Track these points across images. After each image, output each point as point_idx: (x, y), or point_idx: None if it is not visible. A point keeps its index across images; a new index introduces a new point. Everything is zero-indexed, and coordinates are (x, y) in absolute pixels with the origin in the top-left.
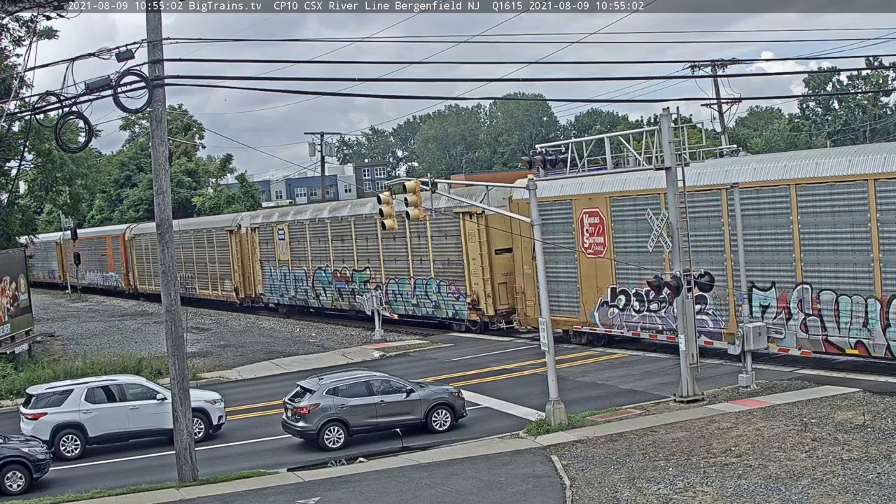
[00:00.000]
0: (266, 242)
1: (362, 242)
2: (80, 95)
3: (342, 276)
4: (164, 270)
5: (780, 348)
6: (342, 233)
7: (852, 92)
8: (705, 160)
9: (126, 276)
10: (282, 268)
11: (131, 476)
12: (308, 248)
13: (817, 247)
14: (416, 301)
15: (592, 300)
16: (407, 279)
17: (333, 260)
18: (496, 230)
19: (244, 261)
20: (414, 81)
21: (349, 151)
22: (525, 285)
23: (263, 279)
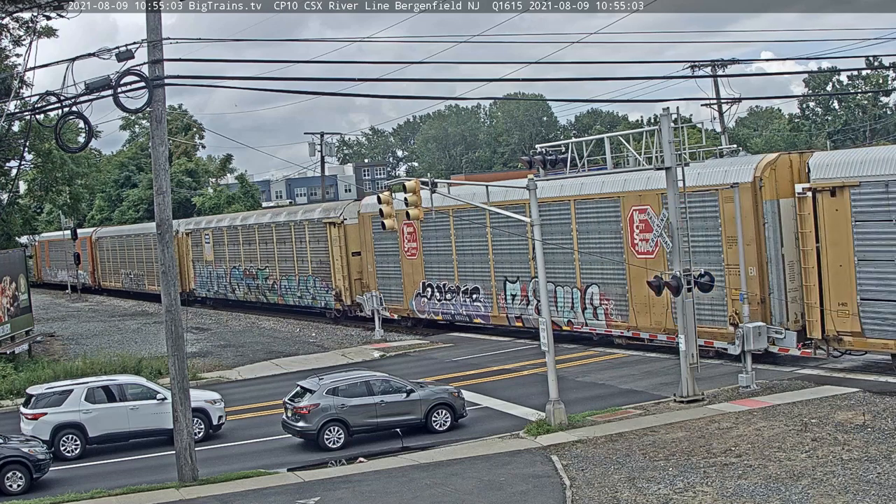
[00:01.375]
0: (196, 245)
1: (263, 246)
2: (80, 95)
3: (250, 274)
4: (164, 270)
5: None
6: (249, 238)
7: (852, 92)
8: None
9: (92, 274)
10: (207, 267)
11: (131, 476)
12: (226, 251)
13: (549, 250)
14: (300, 294)
15: (411, 292)
16: (293, 276)
17: (244, 260)
18: (352, 237)
19: (181, 261)
20: (414, 81)
21: (349, 151)
22: (370, 281)
23: (195, 276)
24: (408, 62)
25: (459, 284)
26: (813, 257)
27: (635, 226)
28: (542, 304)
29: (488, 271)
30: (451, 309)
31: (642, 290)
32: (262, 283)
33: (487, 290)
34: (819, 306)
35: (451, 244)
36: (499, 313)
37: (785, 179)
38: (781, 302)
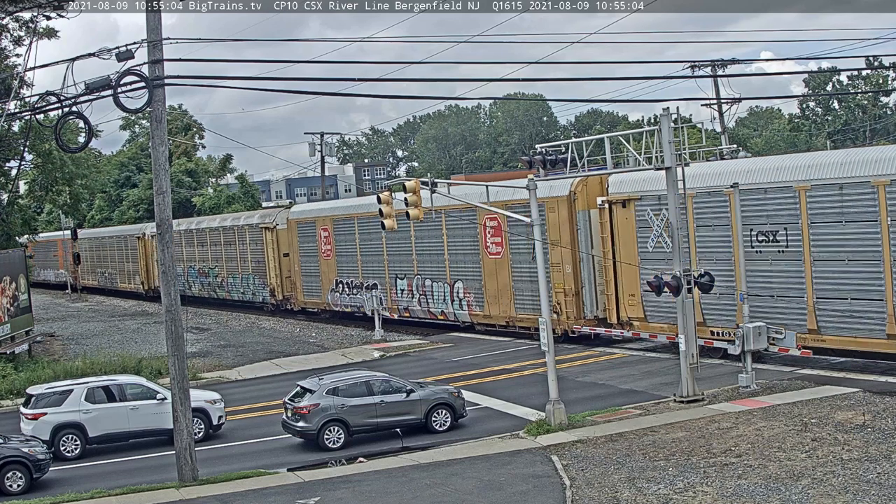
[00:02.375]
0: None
1: (214, 248)
2: (80, 95)
3: (203, 272)
4: (164, 270)
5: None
6: (203, 240)
7: (852, 92)
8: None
9: (73, 273)
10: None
11: (131, 476)
12: (183, 252)
13: (425, 252)
14: (243, 290)
15: (327, 288)
16: (237, 274)
17: (198, 260)
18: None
19: (148, 261)
20: (414, 81)
21: (349, 151)
22: (296, 279)
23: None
24: (408, 62)
25: (363, 281)
26: (610, 257)
27: (487, 231)
28: (543, 304)
29: (383, 270)
30: (357, 302)
31: (493, 284)
32: (212, 281)
33: (383, 286)
34: (615, 297)
35: (356, 247)
36: (392, 305)
37: (594, 193)
38: (591, 294)
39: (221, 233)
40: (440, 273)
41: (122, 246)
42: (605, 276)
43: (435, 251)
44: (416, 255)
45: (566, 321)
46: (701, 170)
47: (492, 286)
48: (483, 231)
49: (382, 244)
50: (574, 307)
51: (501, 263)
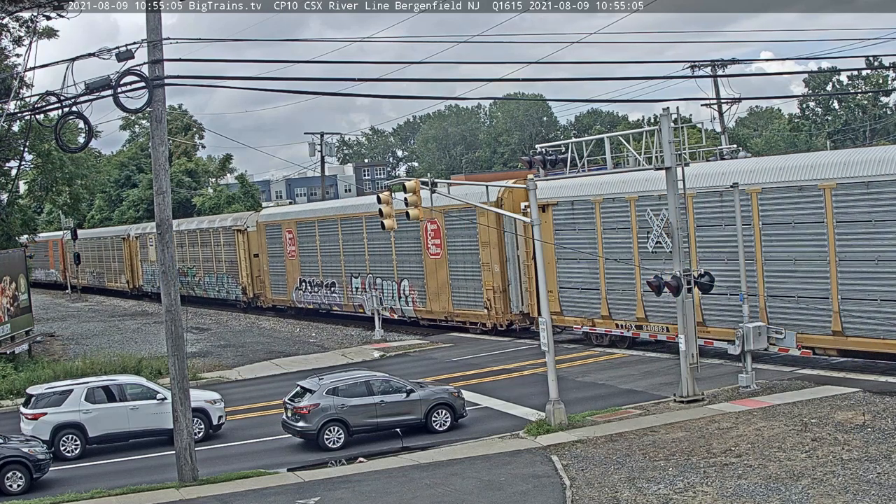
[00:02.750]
0: (142, 247)
1: (192, 249)
2: (80, 95)
3: (182, 272)
4: (164, 270)
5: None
6: (182, 241)
7: (852, 92)
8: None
9: (63, 272)
10: (151, 266)
11: (131, 476)
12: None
13: (375, 252)
14: (218, 289)
15: (292, 286)
16: (213, 274)
17: (181, 261)
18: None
19: (132, 260)
20: (414, 81)
21: (349, 151)
22: (265, 278)
23: (143, 274)
24: (408, 62)
25: (323, 280)
26: (527, 258)
27: (429, 234)
28: (543, 304)
29: (340, 269)
30: (318, 299)
31: (434, 282)
32: (191, 280)
33: (340, 284)
34: (536, 292)
35: (317, 248)
36: (347, 302)
37: (519, 199)
38: (517, 291)
39: (198, 235)
40: (389, 272)
41: (109, 247)
42: (528, 274)
43: (384, 252)
44: (369, 255)
45: (496, 316)
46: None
47: (433, 284)
48: (425, 233)
49: (339, 246)
50: (502, 303)
51: (441, 263)
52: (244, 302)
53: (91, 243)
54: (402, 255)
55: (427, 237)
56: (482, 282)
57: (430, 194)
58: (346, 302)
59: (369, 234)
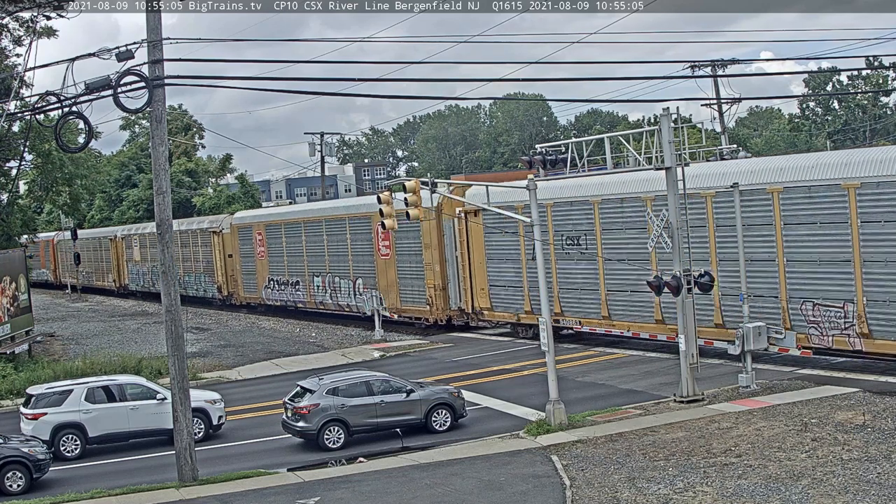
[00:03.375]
0: (128, 248)
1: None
2: (80, 95)
3: (195, 272)
4: (164, 270)
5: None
6: (194, 241)
7: (852, 92)
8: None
9: (54, 272)
10: (136, 266)
11: (131, 476)
12: (147, 253)
13: (334, 253)
14: (196, 287)
15: (262, 285)
16: (192, 273)
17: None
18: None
19: (119, 260)
20: (414, 81)
21: (349, 151)
22: (237, 277)
23: (128, 273)
24: (408, 62)
25: (289, 279)
26: (466, 257)
27: (379, 235)
28: (543, 304)
29: (304, 269)
30: (284, 297)
31: (384, 281)
32: (184, 279)
33: (304, 283)
34: (470, 290)
35: (283, 249)
36: (310, 299)
37: (457, 205)
38: (456, 289)
39: (178, 236)
40: (346, 271)
41: (97, 247)
42: (463, 273)
43: (342, 253)
44: (328, 256)
45: (437, 312)
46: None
47: (383, 282)
48: (376, 236)
49: (303, 247)
50: (442, 300)
51: (390, 263)
52: (219, 299)
53: (81, 244)
54: (357, 256)
55: (378, 239)
56: (425, 280)
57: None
58: (308, 299)
59: (329, 237)
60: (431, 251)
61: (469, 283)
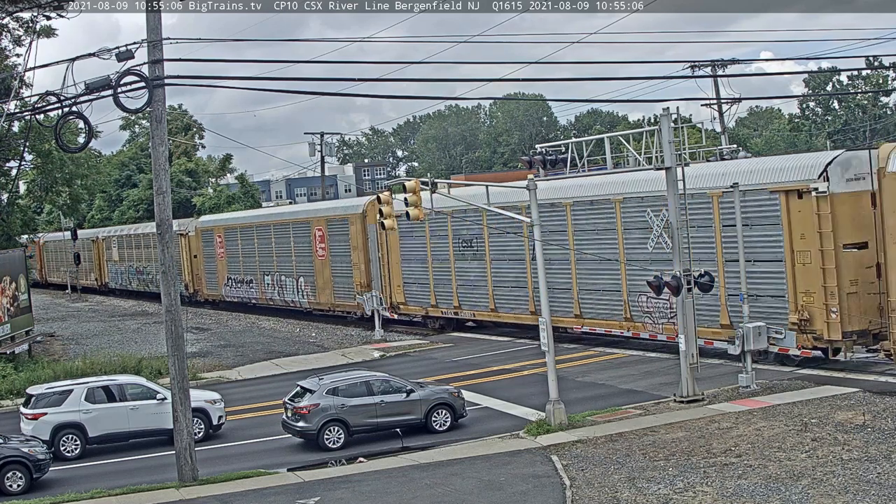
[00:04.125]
0: (108, 248)
1: (146, 250)
2: (80, 95)
3: (140, 270)
4: (164, 270)
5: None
6: (138, 244)
7: (852, 92)
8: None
9: (41, 271)
10: (116, 265)
11: (131, 476)
12: (125, 253)
13: (281, 255)
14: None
15: (222, 283)
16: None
17: (135, 260)
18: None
19: (101, 260)
20: (414, 81)
21: (349, 151)
22: (201, 276)
23: (108, 272)
24: (408, 62)
25: (244, 277)
26: (386, 259)
27: (317, 238)
28: (543, 304)
29: (256, 268)
30: (241, 294)
31: (321, 279)
32: (146, 277)
33: (256, 281)
34: (389, 287)
35: (239, 250)
36: (262, 296)
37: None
38: (379, 286)
39: (151, 238)
40: (290, 271)
41: (81, 248)
42: (384, 272)
43: (287, 254)
44: (276, 257)
45: (362, 307)
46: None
47: (320, 281)
48: (314, 238)
49: (255, 248)
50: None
51: (325, 263)
52: (186, 296)
53: (61, 245)
54: (299, 257)
55: (316, 241)
56: (353, 279)
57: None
58: (260, 296)
59: (276, 240)
60: (358, 253)
61: (388, 281)
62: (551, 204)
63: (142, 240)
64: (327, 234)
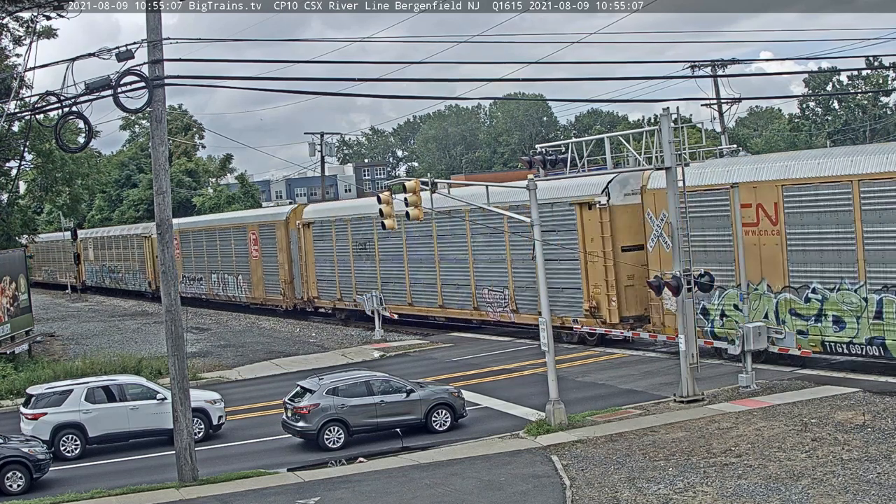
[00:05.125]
0: (85, 249)
1: (117, 251)
2: (80, 95)
3: (111, 269)
4: (164, 270)
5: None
6: (109, 245)
7: (852, 92)
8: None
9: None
10: (91, 264)
11: (131, 476)
12: (100, 254)
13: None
14: (134, 282)
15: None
16: (131, 271)
17: (108, 260)
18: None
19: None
20: (415, 81)
21: (349, 151)
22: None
23: (85, 271)
24: (408, 62)
25: (195, 275)
26: (304, 259)
27: (251, 240)
28: (543, 304)
29: (205, 267)
30: (194, 290)
31: (255, 276)
32: (117, 275)
33: (205, 278)
34: (306, 284)
35: (192, 251)
36: (210, 291)
37: (299, 218)
38: (299, 283)
39: (121, 240)
40: (231, 269)
41: (59, 249)
42: (302, 271)
43: (228, 254)
44: (220, 257)
45: (286, 301)
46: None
47: (255, 278)
48: (249, 241)
49: (204, 249)
50: (290, 291)
51: (258, 263)
52: (150, 292)
53: (41, 247)
54: (238, 257)
55: (251, 244)
56: (279, 276)
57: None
58: (208, 291)
59: (220, 242)
60: (283, 254)
61: (305, 279)
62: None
63: (113, 242)
64: (259, 237)
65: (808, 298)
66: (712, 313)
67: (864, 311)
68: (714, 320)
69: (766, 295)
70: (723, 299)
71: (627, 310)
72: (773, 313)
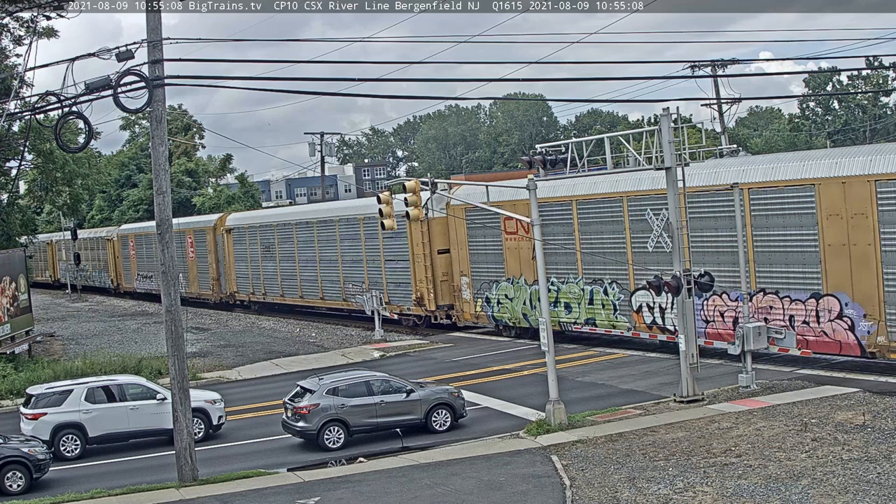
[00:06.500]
0: (59, 250)
1: (93, 252)
2: (80, 95)
3: (98, 268)
4: (164, 270)
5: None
6: (98, 246)
7: (852, 92)
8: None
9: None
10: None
11: (131, 476)
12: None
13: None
14: (100, 280)
15: (134, 278)
16: (97, 269)
17: (92, 260)
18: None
19: (54, 260)
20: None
21: (349, 151)
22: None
23: (59, 269)
24: (409, 62)
25: (147, 273)
26: (227, 261)
27: (188, 244)
28: (543, 304)
29: (155, 267)
30: (146, 286)
31: (192, 274)
32: (85, 274)
33: (155, 276)
34: (228, 279)
35: (143, 252)
36: (157, 288)
37: (224, 225)
38: (225, 280)
39: (89, 241)
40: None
41: (39, 250)
42: (227, 269)
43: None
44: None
45: (215, 295)
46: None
47: (191, 275)
48: (187, 244)
49: (153, 250)
50: (217, 287)
51: (194, 262)
52: (112, 289)
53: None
54: (179, 258)
55: (188, 246)
56: (208, 273)
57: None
58: (157, 287)
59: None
60: (211, 255)
61: (227, 276)
62: (306, 222)
63: (81, 243)
64: (195, 241)
65: (548, 290)
66: (492, 300)
67: (582, 299)
68: (493, 306)
69: (523, 286)
70: (498, 290)
71: (442, 299)
72: (528, 301)
